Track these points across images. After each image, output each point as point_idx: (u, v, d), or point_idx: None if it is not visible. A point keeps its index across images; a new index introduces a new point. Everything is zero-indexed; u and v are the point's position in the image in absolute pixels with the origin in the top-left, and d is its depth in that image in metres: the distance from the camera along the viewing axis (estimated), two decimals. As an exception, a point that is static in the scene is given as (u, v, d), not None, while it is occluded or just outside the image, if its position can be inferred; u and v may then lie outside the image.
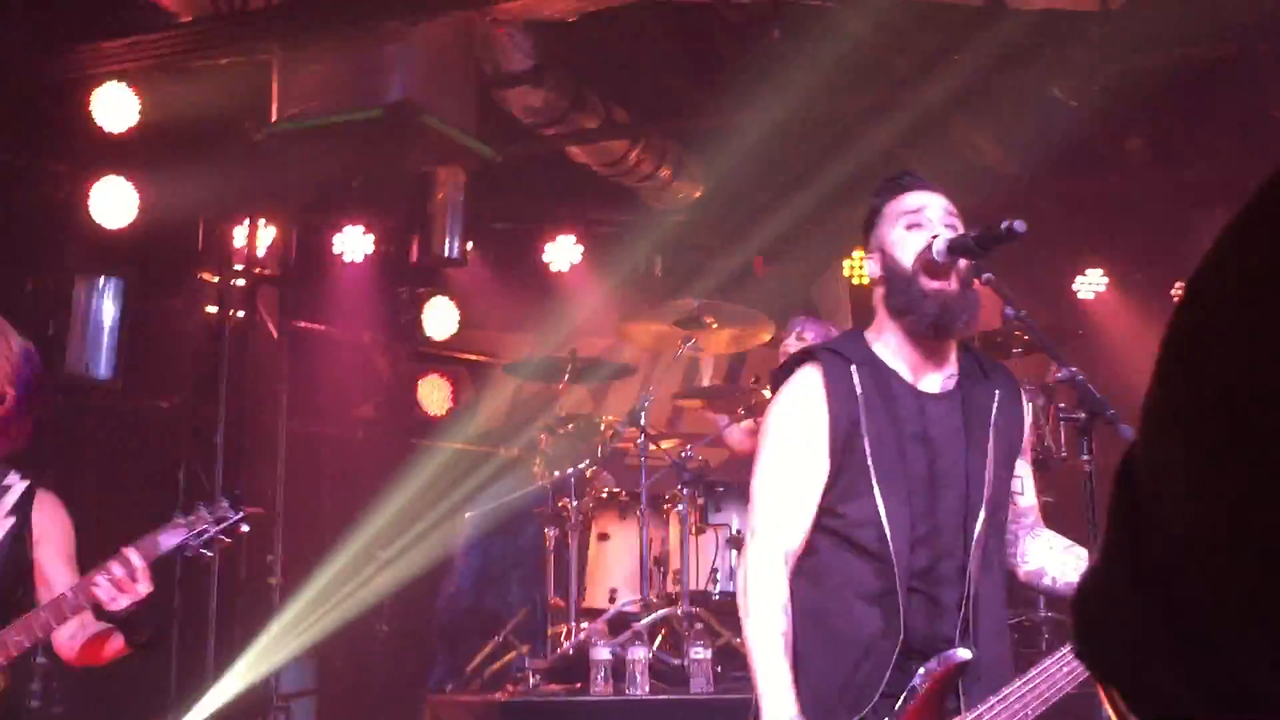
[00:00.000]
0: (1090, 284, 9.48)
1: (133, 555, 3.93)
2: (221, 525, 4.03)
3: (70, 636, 4.18)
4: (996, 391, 3.70)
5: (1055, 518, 3.99)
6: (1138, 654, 0.59)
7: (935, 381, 3.70)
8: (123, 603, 3.95)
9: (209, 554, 4.07)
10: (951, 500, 3.58)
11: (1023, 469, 3.82)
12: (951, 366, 3.73)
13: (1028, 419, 3.85)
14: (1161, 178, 9.08)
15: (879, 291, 3.76)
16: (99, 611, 4.03)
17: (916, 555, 3.54)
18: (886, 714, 3.50)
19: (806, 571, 3.61)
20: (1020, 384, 3.89)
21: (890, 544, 3.52)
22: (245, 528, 4.08)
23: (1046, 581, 3.79)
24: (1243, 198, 0.58)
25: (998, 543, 3.66)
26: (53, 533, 4.25)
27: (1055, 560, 3.77)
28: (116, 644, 4.14)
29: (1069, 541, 3.80)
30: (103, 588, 3.92)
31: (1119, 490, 0.62)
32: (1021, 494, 3.82)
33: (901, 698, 3.50)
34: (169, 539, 3.99)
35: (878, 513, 3.54)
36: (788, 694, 3.46)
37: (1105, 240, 9.44)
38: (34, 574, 4.19)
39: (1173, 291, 9.10)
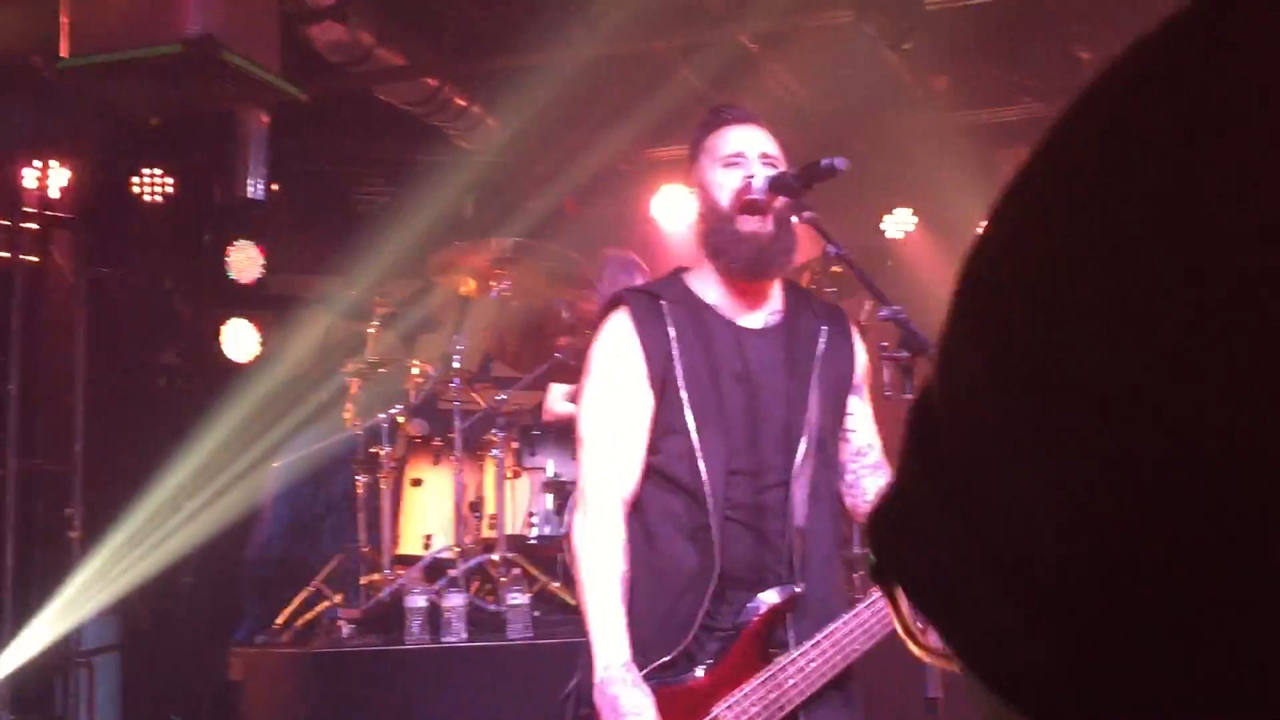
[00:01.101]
0: (899, 223, 9.57)
1: None
2: None
3: None
4: (824, 327, 3.69)
5: (877, 456, 3.98)
6: (929, 546, 0.62)
7: (757, 318, 3.69)
8: None
9: None
10: (772, 434, 3.57)
11: (857, 406, 3.81)
12: (775, 303, 3.72)
13: (860, 356, 3.84)
14: (968, 118, 9.21)
15: (698, 229, 3.73)
16: None
17: (734, 488, 3.53)
18: (711, 646, 3.51)
19: (633, 513, 3.60)
20: (853, 322, 3.87)
21: (704, 477, 3.51)
22: None
23: None
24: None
25: (826, 476, 3.65)
26: None
27: None
28: None
29: None
30: None
31: (916, 408, 0.65)
32: (855, 431, 3.81)
33: (727, 631, 3.51)
34: None
35: (692, 447, 3.54)
36: (620, 639, 3.45)
37: (913, 180, 9.53)
38: None
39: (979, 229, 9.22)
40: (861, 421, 3.79)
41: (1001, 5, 7.80)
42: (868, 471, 3.80)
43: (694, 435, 3.54)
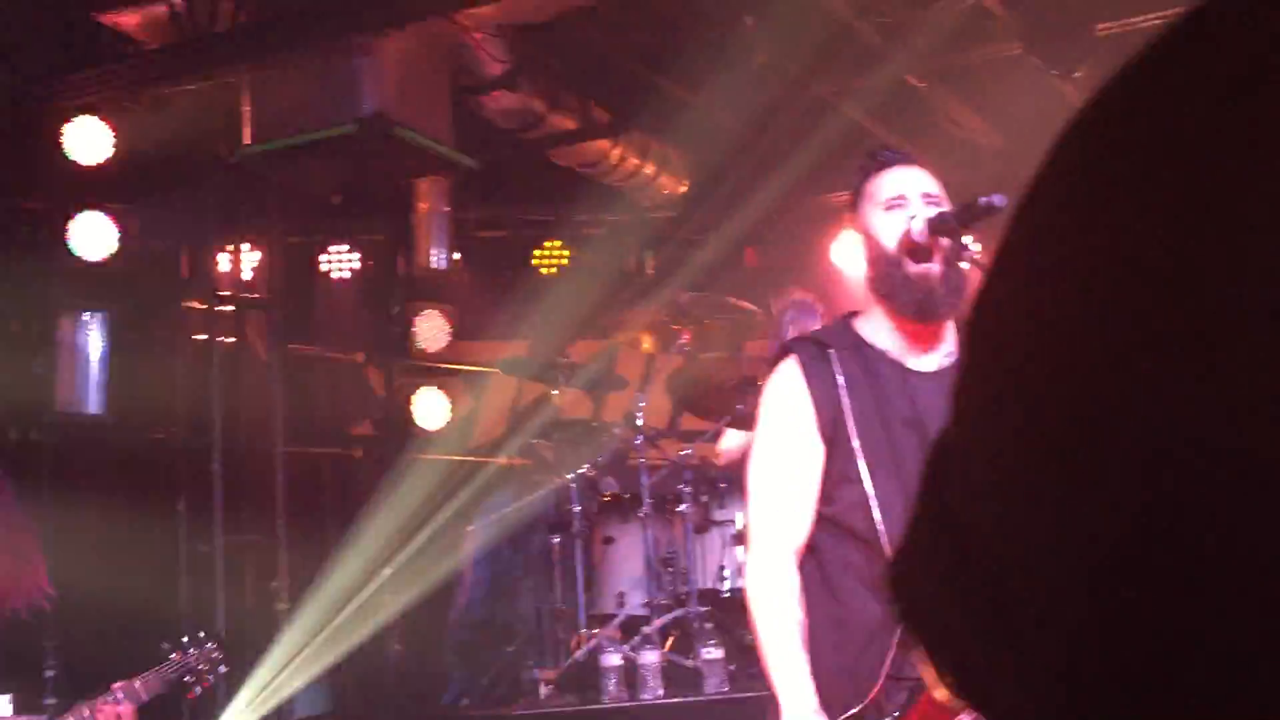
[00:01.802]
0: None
1: (122, 699, 3.95)
2: (210, 668, 4.07)
3: None
4: None
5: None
6: (937, 596, 0.60)
7: (931, 361, 3.63)
8: None
9: (194, 691, 4.11)
10: None
11: None
12: (948, 344, 3.65)
13: None
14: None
15: (867, 274, 3.70)
16: None
17: None
18: (898, 697, 3.46)
19: (809, 563, 3.58)
20: None
21: (879, 526, 3.46)
22: (224, 669, 4.14)
23: None
24: None
25: None
26: None
27: None
28: None
29: None
30: None
31: (931, 454, 0.64)
32: None
33: (914, 681, 3.44)
34: (156, 684, 4.02)
35: (866, 496, 3.49)
36: (805, 688, 3.43)
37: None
38: None
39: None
40: None
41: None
42: None
43: (868, 484, 3.50)
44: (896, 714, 3.44)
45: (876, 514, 3.47)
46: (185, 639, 4.11)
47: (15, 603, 4.24)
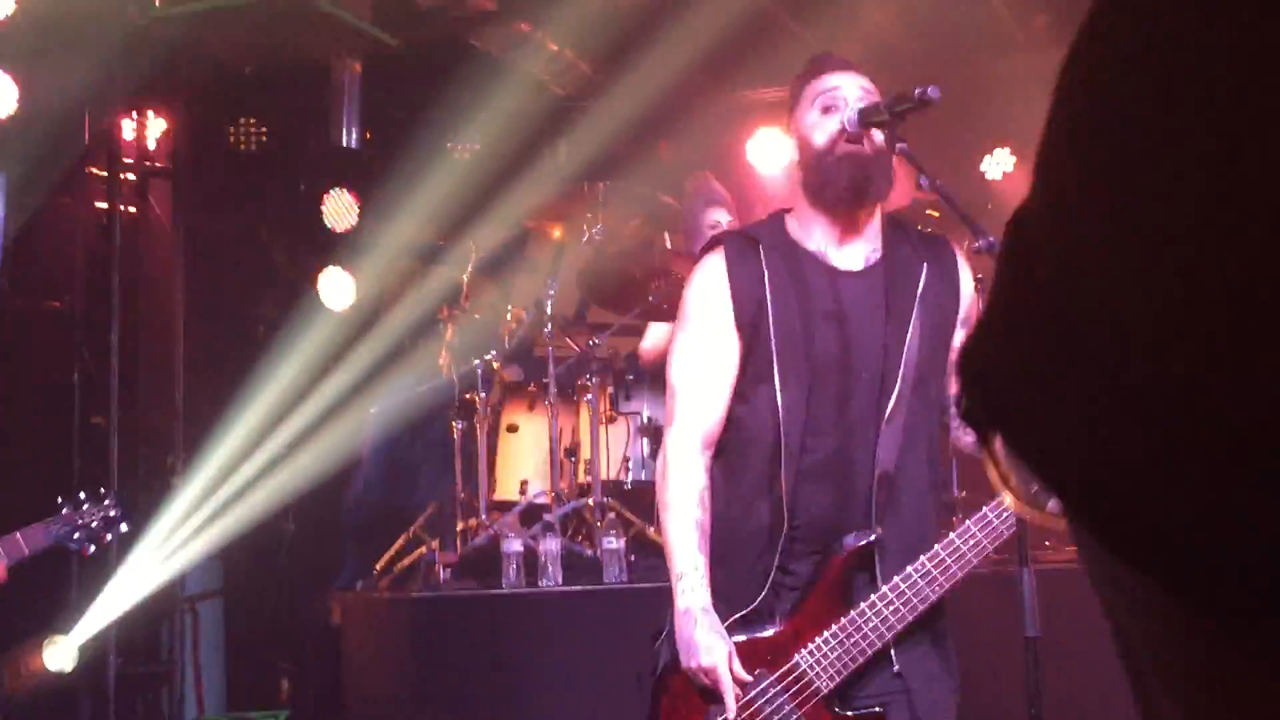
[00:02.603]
0: (998, 164, 9.42)
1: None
2: (105, 527, 3.93)
3: None
4: (925, 264, 3.62)
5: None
6: (1024, 378, 0.57)
7: (856, 258, 3.64)
8: None
9: (86, 549, 3.97)
10: (865, 383, 3.53)
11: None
12: (874, 242, 3.67)
13: (966, 288, 3.75)
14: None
15: (798, 175, 3.70)
16: None
17: (815, 442, 3.51)
18: (788, 598, 3.52)
19: (716, 464, 3.63)
20: (959, 250, 3.78)
21: (781, 430, 3.51)
22: (125, 528, 3.99)
23: None
24: None
25: (925, 417, 3.60)
26: None
27: None
28: None
29: None
30: None
31: (1008, 234, 0.61)
32: None
33: (804, 585, 3.52)
34: (40, 537, 3.88)
35: (775, 398, 3.53)
36: (700, 583, 3.49)
37: (1012, 120, 9.37)
38: None
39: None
40: None
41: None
42: None
43: (778, 386, 3.53)
44: (789, 611, 3.49)
45: (781, 418, 3.51)
46: (82, 494, 3.96)
47: None
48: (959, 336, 3.69)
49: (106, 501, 3.97)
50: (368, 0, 7.11)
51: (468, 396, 7.51)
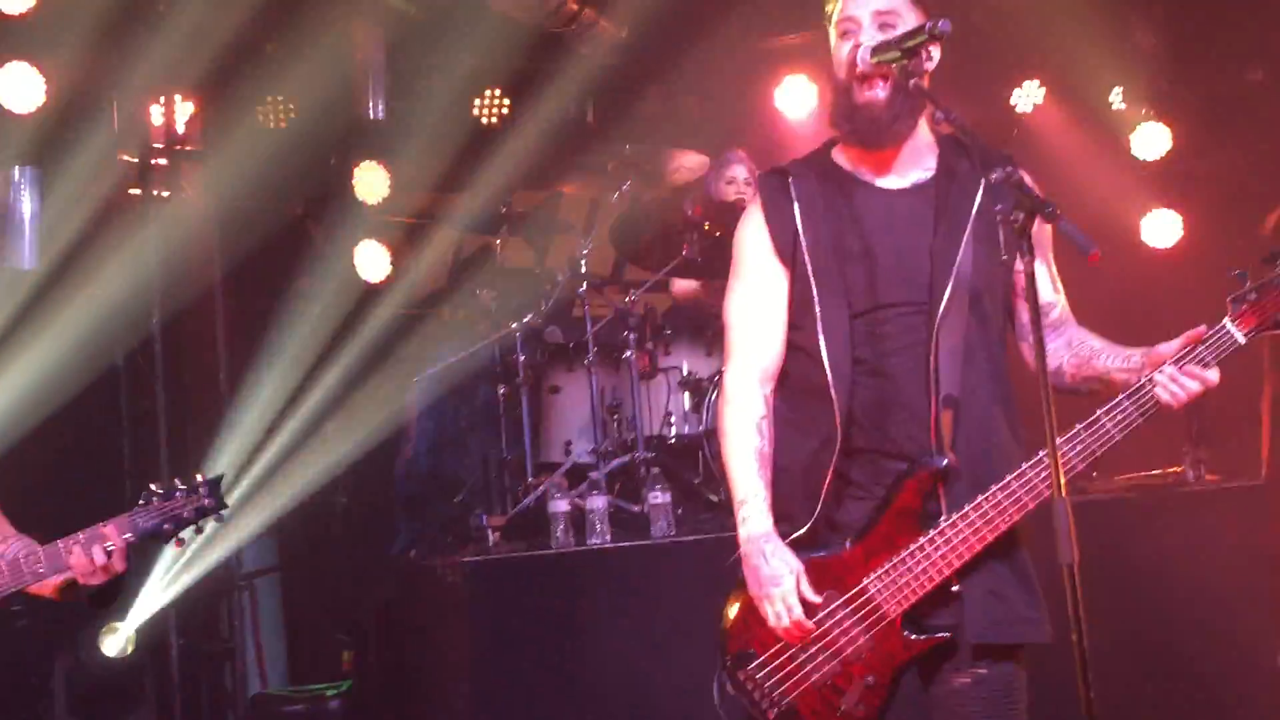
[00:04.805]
0: (1028, 96, 9.32)
1: (112, 535, 3.83)
2: (199, 515, 3.92)
3: None
4: (983, 180, 3.56)
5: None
6: None
7: (904, 178, 3.67)
8: (96, 580, 3.88)
9: (180, 540, 3.96)
10: (911, 294, 3.54)
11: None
12: (923, 162, 3.69)
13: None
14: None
15: (828, 103, 3.76)
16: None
17: (861, 350, 3.55)
18: (852, 510, 3.57)
19: (781, 388, 3.71)
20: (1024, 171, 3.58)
21: (821, 338, 3.55)
22: (225, 515, 3.97)
23: (1065, 380, 3.65)
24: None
25: (983, 335, 3.56)
26: None
27: (1070, 356, 3.65)
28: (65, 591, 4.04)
29: (1093, 336, 3.66)
30: (78, 566, 3.82)
31: None
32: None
33: (865, 496, 3.55)
34: (145, 522, 3.88)
35: (816, 317, 3.57)
36: (761, 509, 3.56)
37: (1041, 52, 9.27)
38: None
39: (1110, 100, 8.98)
40: (1039, 278, 3.47)
41: None
42: (1049, 330, 3.64)
43: (817, 306, 3.58)
44: (858, 534, 3.53)
45: (821, 335, 3.56)
46: (177, 480, 3.95)
47: None
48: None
49: (201, 489, 3.94)
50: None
51: (509, 360, 7.53)
